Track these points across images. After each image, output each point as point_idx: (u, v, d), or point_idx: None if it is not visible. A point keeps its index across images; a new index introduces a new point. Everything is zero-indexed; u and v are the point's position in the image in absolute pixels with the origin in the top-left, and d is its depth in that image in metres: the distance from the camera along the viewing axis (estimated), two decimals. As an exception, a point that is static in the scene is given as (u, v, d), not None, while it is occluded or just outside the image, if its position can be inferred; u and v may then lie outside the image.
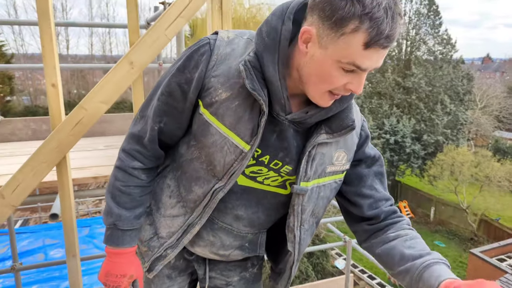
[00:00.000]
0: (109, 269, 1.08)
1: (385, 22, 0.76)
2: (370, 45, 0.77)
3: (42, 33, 1.41)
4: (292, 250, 1.08)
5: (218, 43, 0.93)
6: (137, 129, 1.04)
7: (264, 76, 0.89)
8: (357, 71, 0.83)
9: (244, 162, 0.95)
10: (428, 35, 20.77)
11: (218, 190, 0.99)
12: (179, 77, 0.95)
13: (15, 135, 2.97)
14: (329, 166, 1.01)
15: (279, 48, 0.87)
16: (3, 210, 1.51)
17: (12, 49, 23.04)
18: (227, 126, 0.93)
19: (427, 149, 19.13)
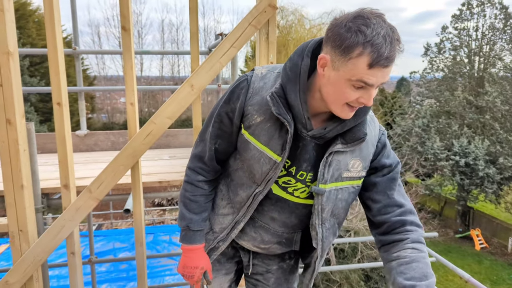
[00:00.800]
0: (185, 262, 1.37)
1: (384, 47, 0.95)
2: (373, 65, 0.96)
3: (125, 63, 1.80)
4: (316, 246, 1.27)
5: (253, 79, 1.19)
6: (198, 150, 1.32)
7: (288, 102, 1.11)
8: (365, 87, 1.01)
9: (277, 171, 1.18)
10: (505, 51, 19.37)
11: (258, 193, 1.24)
12: (226, 107, 1.22)
13: (97, 146, 3.49)
14: (345, 172, 1.19)
15: (299, 80, 1.09)
16: (89, 203, 1.90)
17: (95, 72, 25.75)
18: (262, 143, 1.17)
19: (504, 173, 17.54)
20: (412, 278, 1.08)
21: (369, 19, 0.96)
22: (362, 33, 0.95)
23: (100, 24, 31.02)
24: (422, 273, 1.09)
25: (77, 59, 3.31)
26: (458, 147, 17.51)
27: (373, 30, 0.95)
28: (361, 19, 0.97)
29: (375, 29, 0.95)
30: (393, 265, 1.15)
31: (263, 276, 1.51)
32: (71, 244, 1.93)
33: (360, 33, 0.95)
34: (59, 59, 1.75)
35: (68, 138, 1.83)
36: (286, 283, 1.53)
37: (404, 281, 1.07)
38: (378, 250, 1.26)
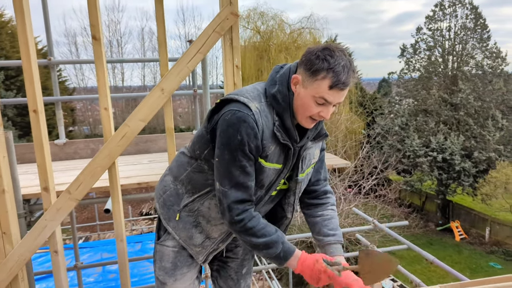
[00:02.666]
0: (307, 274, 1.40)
1: (342, 74, 1.26)
2: (333, 87, 1.27)
3: (97, 70, 1.93)
4: (290, 216, 1.63)
5: (256, 117, 1.34)
6: (242, 195, 1.38)
7: (286, 128, 1.39)
8: (325, 104, 1.32)
9: (281, 176, 1.47)
10: (476, 49, 20.05)
11: (261, 197, 1.48)
12: (248, 147, 1.33)
13: (77, 154, 3.58)
14: (313, 160, 1.57)
15: (290, 108, 1.38)
16: (69, 203, 2.01)
17: (74, 84, 25.49)
18: (274, 163, 1.43)
19: (479, 166, 18.13)
20: (332, 228, 1.59)
21: (334, 51, 1.28)
22: (327, 61, 1.26)
23: (77, 34, 30.68)
24: (337, 226, 1.62)
25: (53, 69, 3.39)
26: (435, 144, 18.04)
27: (335, 60, 1.26)
28: (327, 50, 1.28)
29: (337, 60, 1.26)
30: (319, 220, 1.62)
31: (232, 251, 1.75)
32: (54, 243, 2.03)
33: (325, 61, 1.26)
34: (33, 68, 1.87)
35: (45, 143, 1.94)
36: (251, 251, 1.79)
37: (329, 231, 1.58)
38: (302, 210, 1.70)
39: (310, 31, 18.61)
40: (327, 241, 1.56)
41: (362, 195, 12.47)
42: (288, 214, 1.62)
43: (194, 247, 1.56)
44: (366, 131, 17.81)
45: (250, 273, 1.83)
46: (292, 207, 1.60)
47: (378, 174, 12.96)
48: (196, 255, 1.58)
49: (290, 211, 1.61)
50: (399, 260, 1.30)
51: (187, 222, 1.54)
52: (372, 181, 12.57)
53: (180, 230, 1.55)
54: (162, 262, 1.61)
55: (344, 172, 12.31)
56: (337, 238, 1.57)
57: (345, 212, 11.57)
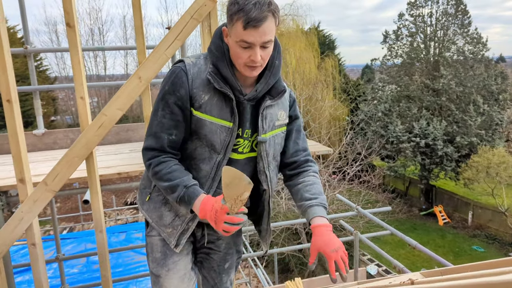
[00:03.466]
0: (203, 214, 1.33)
1: (253, 11, 1.22)
2: (246, 27, 1.23)
3: (72, 58, 1.88)
4: (266, 188, 1.53)
5: (188, 67, 1.36)
6: (151, 143, 1.39)
7: (223, 76, 1.36)
8: (251, 46, 1.27)
9: (233, 136, 1.40)
10: (457, 35, 20.27)
11: (220, 162, 1.42)
12: (172, 98, 1.35)
13: (56, 144, 3.51)
14: (276, 121, 1.50)
15: (225, 56, 1.36)
16: (46, 195, 1.98)
17: (55, 73, 24.86)
18: (215, 116, 1.37)
19: (461, 151, 18.55)
20: (314, 193, 1.51)
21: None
22: (237, 3, 1.25)
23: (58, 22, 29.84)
24: (320, 191, 1.54)
25: (30, 58, 3.30)
26: (418, 129, 18.33)
27: (246, 0, 1.23)
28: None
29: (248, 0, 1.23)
30: (300, 187, 1.55)
31: (215, 243, 1.70)
32: (31, 235, 2.00)
33: (236, 4, 1.25)
34: (6, 57, 1.81)
35: (20, 133, 1.90)
36: (235, 246, 1.76)
37: (311, 195, 1.51)
38: (285, 183, 1.63)
39: (293, 18, 18.52)
40: (308, 204, 1.47)
41: (346, 181, 12.63)
42: (264, 185, 1.52)
43: (165, 228, 1.52)
44: (350, 117, 17.91)
45: (233, 268, 1.78)
46: (264, 175, 1.50)
47: (362, 160, 13.13)
48: (168, 238, 1.52)
49: (264, 180, 1.51)
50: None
51: (157, 201, 1.53)
52: (356, 167, 12.73)
53: (151, 211, 1.54)
54: (153, 253, 1.59)
55: (328, 159, 12.43)
56: (319, 201, 1.48)
57: (330, 199, 11.71)
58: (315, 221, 1.42)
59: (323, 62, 18.92)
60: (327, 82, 17.57)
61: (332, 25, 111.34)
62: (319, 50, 19.23)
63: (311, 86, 15.34)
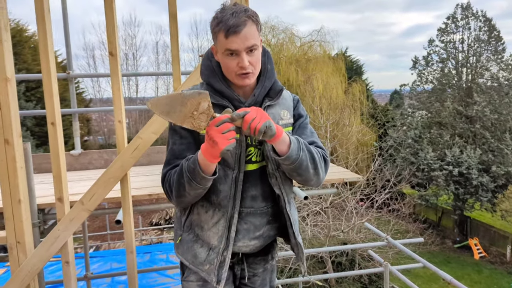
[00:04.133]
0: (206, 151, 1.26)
1: (231, 19, 1.27)
2: (227, 35, 1.28)
3: (113, 85, 1.99)
4: (279, 192, 1.47)
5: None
6: (165, 171, 1.42)
7: (217, 90, 1.41)
8: (236, 53, 1.31)
9: (243, 145, 1.39)
10: (491, 61, 19.78)
11: (237, 177, 1.40)
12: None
13: (91, 164, 3.65)
14: (280, 120, 1.49)
15: (216, 72, 1.41)
16: (82, 214, 2.05)
17: (90, 95, 26.06)
18: None
19: (497, 181, 17.68)
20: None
21: (224, 8, 1.33)
22: (216, 17, 1.32)
23: (95, 48, 31.49)
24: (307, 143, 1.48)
25: (71, 82, 3.50)
26: (451, 157, 17.71)
27: (224, 12, 1.30)
28: (219, 10, 1.33)
29: (226, 12, 1.30)
30: None
31: (250, 280, 1.64)
32: (66, 253, 2.07)
33: (216, 18, 1.32)
34: (53, 83, 1.93)
35: (61, 154, 2.00)
36: (269, 283, 1.70)
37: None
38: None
39: (320, 44, 18.72)
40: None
41: (374, 209, 12.28)
42: (275, 188, 1.46)
43: (202, 265, 1.47)
44: (378, 143, 17.60)
45: None
46: (274, 177, 1.45)
47: (391, 188, 12.77)
48: (208, 276, 1.46)
49: (274, 183, 1.46)
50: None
51: (188, 240, 1.50)
52: (385, 195, 12.39)
53: (185, 252, 1.51)
54: None
55: (356, 185, 12.18)
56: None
57: (357, 227, 11.40)
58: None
59: (351, 87, 18.87)
60: (354, 107, 17.45)
61: (359, 51, 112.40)
62: (346, 75, 19.23)
63: (338, 111, 15.27)
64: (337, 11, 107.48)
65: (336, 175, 3.32)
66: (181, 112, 1.21)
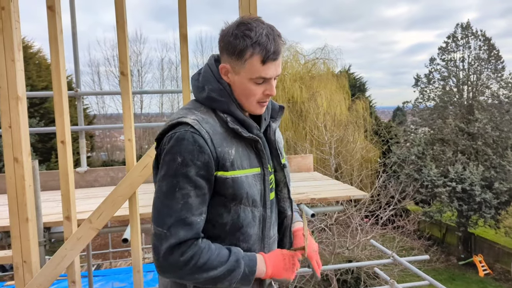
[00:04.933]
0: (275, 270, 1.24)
1: (269, 44, 1.12)
2: (265, 61, 1.13)
3: (123, 104, 2.00)
4: (290, 213, 1.41)
5: (196, 127, 1.12)
6: (185, 233, 1.08)
7: (240, 121, 1.22)
8: (266, 81, 1.18)
9: (266, 181, 1.24)
10: (491, 80, 19.96)
11: (264, 216, 1.25)
12: (193, 169, 1.09)
13: (97, 182, 3.64)
14: (282, 142, 1.43)
15: (232, 98, 1.21)
16: (90, 232, 2.04)
17: (94, 111, 26.21)
18: (247, 168, 1.20)
19: (500, 197, 17.55)
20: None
21: (250, 23, 1.13)
22: (248, 37, 1.11)
23: (100, 64, 31.86)
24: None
25: (79, 100, 3.53)
26: (454, 174, 17.65)
27: (256, 32, 1.11)
28: (243, 25, 1.13)
29: (258, 31, 1.12)
30: None
31: None
32: (72, 273, 2.05)
33: (246, 37, 1.11)
34: (63, 102, 1.95)
35: (70, 173, 2.00)
36: None
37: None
38: None
39: (324, 62, 18.89)
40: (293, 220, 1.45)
41: (379, 226, 12.17)
42: (288, 211, 1.40)
43: None
44: (382, 160, 17.57)
45: None
46: (289, 200, 1.40)
47: (396, 204, 12.68)
48: None
49: (288, 206, 1.40)
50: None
51: None
52: (389, 212, 12.29)
53: None
54: None
55: (361, 202, 12.10)
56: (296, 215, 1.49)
57: (362, 244, 11.27)
58: (295, 226, 1.43)
59: (354, 104, 18.97)
60: (358, 124, 17.49)
61: (363, 68, 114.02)
62: (350, 92, 19.35)
63: (342, 127, 15.31)
64: (340, 30, 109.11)
65: (342, 192, 3.30)
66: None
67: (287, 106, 17.32)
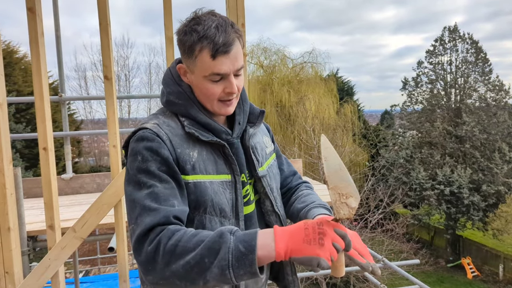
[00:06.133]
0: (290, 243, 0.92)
1: (218, 35, 1.02)
2: (215, 55, 1.03)
3: (108, 109, 1.96)
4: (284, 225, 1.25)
5: (155, 129, 1.08)
6: (150, 219, 0.95)
7: (202, 124, 1.13)
8: (224, 77, 1.07)
9: (238, 188, 1.12)
10: (479, 82, 20.25)
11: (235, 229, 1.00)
12: (154, 164, 1.02)
13: (83, 188, 3.57)
14: (266, 149, 1.31)
15: (192, 100, 1.14)
16: (74, 242, 1.98)
17: (82, 116, 25.90)
18: (212, 173, 1.10)
19: (488, 200, 17.82)
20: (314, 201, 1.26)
21: (199, 18, 1.06)
22: (195, 31, 1.04)
23: (87, 69, 31.53)
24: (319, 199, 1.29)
25: (63, 105, 3.46)
26: (442, 176, 17.85)
27: (204, 25, 1.03)
28: (193, 20, 1.06)
29: (206, 24, 1.03)
30: (295, 204, 1.31)
31: None
32: (57, 283, 1.99)
33: (194, 32, 1.04)
34: (45, 108, 1.90)
35: (53, 181, 1.94)
36: None
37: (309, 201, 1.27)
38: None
39: (312, 65, 19.02)
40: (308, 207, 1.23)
41: (368, 229, 12.22)
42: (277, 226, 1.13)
43: None
44: (371, 163, 17.69)
45: None
46: (274, 214, 1.24)
47: (385, 208, 12.76)
48: None
49: (275, 220, 1.24)
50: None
51: None
52: (378, 215, 12.35)
53: None
54: None
55: (350, 205, 12.12)
56: (320, 202, 1.25)
57: (352, 247, 11.28)
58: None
59: (342, 108, 19.09)
60: (346, 127, 17.60)
61: (350, 72, 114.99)
62: (338, 96, 19.49)
63: (330, 131, 15.39)
64: (328, 33, 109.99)
65: (332, 197, 3.29)
66: (341, 182, 0.95)
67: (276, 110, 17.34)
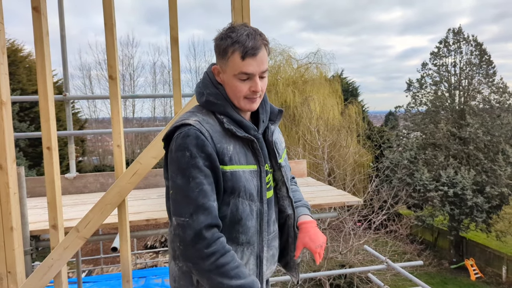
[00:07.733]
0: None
1: (248, 41, 1.25)
2: (244, 57, 1.25)
3: (112, 108, 1.94)
4: (291, 212, 1.50)
5: (198, 126, 1.27)
6: (207, 219, 1.20)
7: (237, 122, 1.34)
8: (250, 77, 1.29)
9: (263, 177, 1.36)
10: (483, 84, 20.14)
11: (261, 211, 1.36)
12: (201, 160, 1.22)
13: (87, 188, 3.56)
14: (282, 144, 1.54)
15: (228, 100, 1.34)
16: (77, 242, 1.97)
17: (86, 115, 25.96)
18: (244, 164, 1.32)
19: (491, 201, 17.69)
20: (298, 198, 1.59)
21: (235, 27, 1.29)
22: (229, 37, 1.27)
23: (91, 68, 31.58)
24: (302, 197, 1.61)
25: (68, 104, 3.45)
26: (446, 178, 17.75)
27: (237, 33, 1.26)
28: (229, 29, 1.29)
29: (239, 32, 1.26)
30: None
31: None
32: (59, 283, 1.97)
33: (228, 38, 1.27)
34: (50, 107, 1.89)
35: (57, 181, 1.93)
36: None
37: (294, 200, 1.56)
38: None
39: (317, 66, 18.94)
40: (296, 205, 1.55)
41: (372, 230, 12.16)
42: (288, 210, 1.50)
43: None
44: (375, 164, 17.62)
45: None
46: (288, 199, 1.49)
47: (388, 209, 12.69)
48: None
49: (288, 205, 1.50)
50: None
51: None
52: (382, 216, 12.29)
53: None
54: None
55: (353, 206, 12.09)
56: (303, 202, 1.57)
57: (355, 248, 11.25)
58: (301, 219, 1.51)
59: (347, 109, 19.02)
60: (351, 128, 17.54)
61: (356, 73, 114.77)
62: (343, 97, 19.42)
63: (335, 132, 15.33)
64: (334, 34, 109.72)
65: (336, 198, 3.27)
66: None
67: (280, 110, 17.28)
